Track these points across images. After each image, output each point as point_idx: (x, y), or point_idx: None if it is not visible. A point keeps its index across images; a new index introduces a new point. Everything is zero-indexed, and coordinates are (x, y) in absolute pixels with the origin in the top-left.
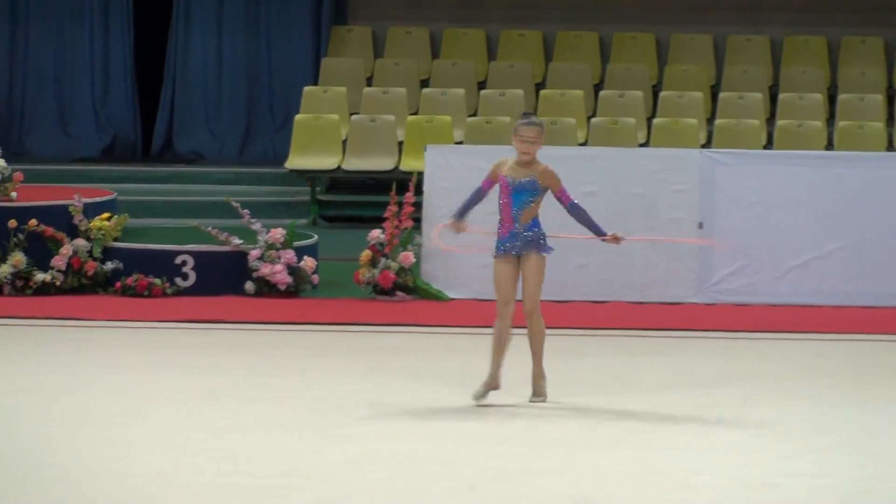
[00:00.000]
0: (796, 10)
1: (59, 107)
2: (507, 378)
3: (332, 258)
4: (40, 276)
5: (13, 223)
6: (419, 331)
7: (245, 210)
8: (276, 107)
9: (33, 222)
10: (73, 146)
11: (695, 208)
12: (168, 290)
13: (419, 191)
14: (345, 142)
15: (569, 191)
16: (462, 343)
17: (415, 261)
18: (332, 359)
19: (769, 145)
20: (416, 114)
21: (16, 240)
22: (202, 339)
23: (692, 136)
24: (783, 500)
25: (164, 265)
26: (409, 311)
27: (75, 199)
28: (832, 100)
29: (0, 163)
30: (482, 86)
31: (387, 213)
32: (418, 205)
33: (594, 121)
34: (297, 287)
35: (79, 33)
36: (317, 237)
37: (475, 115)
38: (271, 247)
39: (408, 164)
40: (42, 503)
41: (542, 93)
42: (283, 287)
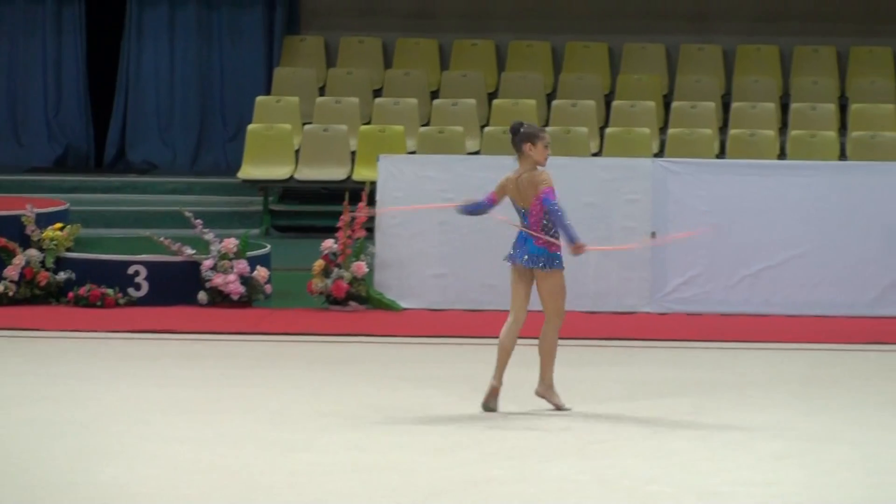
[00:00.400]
0: (748, 19)
1: (11, 117)
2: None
3: (284, 268)
4: None
5: None
6: (372, 340)
7: (198, 220)
8: (229, 116)
9: None
10: (26, 156)
11: (647, 217)
12: (121, 301)
13: (372, 200)
14: (297, 151)
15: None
16: (415, 353)
17: (368, 271)
18: (286, 369)
19: (722, 154)
20: (368, 123)
21: None
22: (155, 350)
23: (645, 145)
24: None
25: (116, 275)
26: (363, 321)
27: (28, 209)
28: (784, 109)
29: None
30: (435, 95)
31: (339, 223)
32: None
33: (547, 130)
34: (250, 297)
35: (31, 43)
36: (269, 247)
37: (428, 124)
38: (224, 257)
39: (360, 174)
40: None
41: (495, 102)
42: (235, 297)
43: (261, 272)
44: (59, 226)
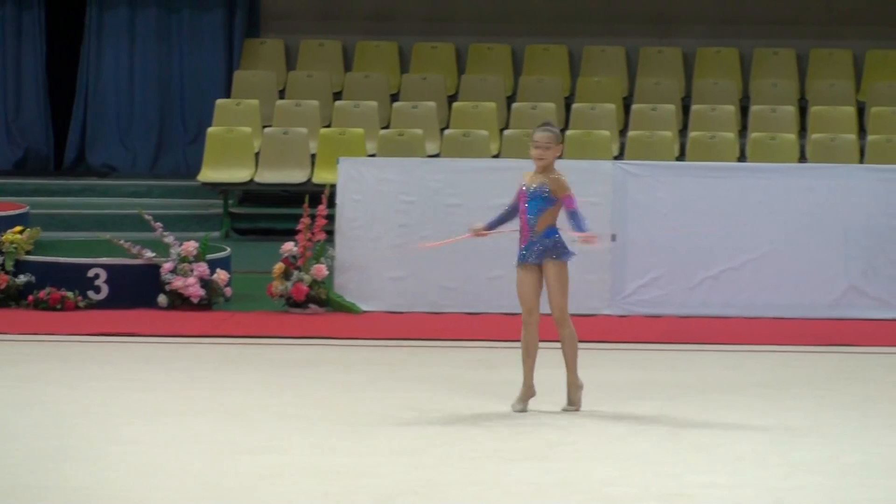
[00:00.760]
0: (708, 22)
1: None
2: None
3: (244, 271)
4: None
5: None
6: (332, 343)
7: (158, 223)
8: (189, 119)
9: None
10: None
11: (607, 220)
12: (81, 304)
13: (332, 203)
14: (257, 154)
15: (576, 201)
16: (375, 355)
17: (328, 273)
18: (246, 372)
19: (681, 157)
20: (328, 126)
21: None
22: (115, 353)
23: (604, 147)
24: None
25: (76, 278)
26: (322, 324)
27: None
28: (744, 111)
29: None
30: (395, 98)
31: (299, 226)
32: (331, 217)
33: (507, 133)
34: (210, 300)
35: None
36: (230, 250)
37: (388, 127)
38: (184, 260)
39: (320, 177)
40: None
41: (455, 105)
42: (195, 300)
43: (221, 275)
44: (18, 229)
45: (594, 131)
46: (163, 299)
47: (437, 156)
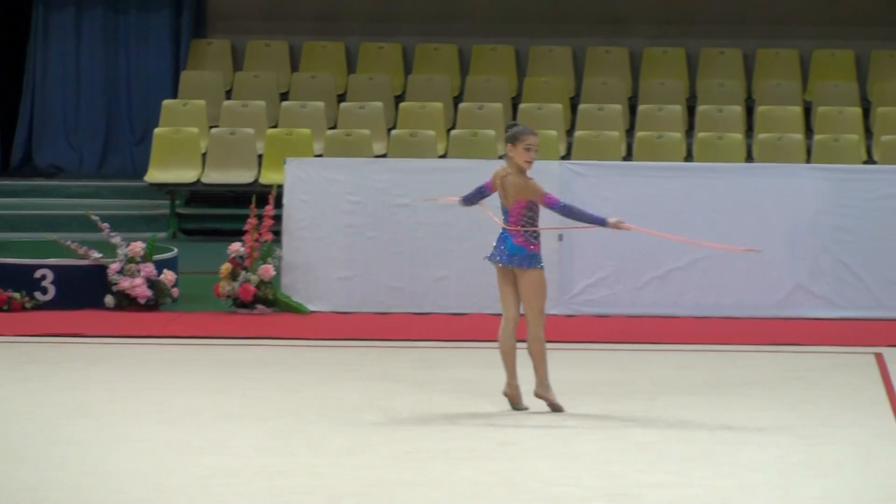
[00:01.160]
0: (655, 22)
1: None
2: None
3: (192, 271)
4: None
5: None
6: (280, 343)
7: (105, 223)
8: (136, 120)
9: None
10: None
11: (555, 220)
12: (27, 305)
13: (279, 204)
14: (204, 155)
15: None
16: (322, 355)
17: (275, 274)
18: (193, 372)
19: (629, 157)
20: (275, 127)
21: None
22: (62, 353)
23: (552, 147)
24: None
25: (23, 279)
26: (270, 324)
27: None
28: (691, 111)
29: None
30: (342, 98)
31: (247, 226)
32: (278, 218)
33: (454, 133)
34: (157, 300)
35: None
36: (177, 250)
37: (335, 127)
38: (131, 260)
39: (267, 177)
40: None
41: (402, 105)
42: (142, 300)
43: (168, 275)
44: None
45: (541, 131)
46: (110, 300)
47: (384, 156)
